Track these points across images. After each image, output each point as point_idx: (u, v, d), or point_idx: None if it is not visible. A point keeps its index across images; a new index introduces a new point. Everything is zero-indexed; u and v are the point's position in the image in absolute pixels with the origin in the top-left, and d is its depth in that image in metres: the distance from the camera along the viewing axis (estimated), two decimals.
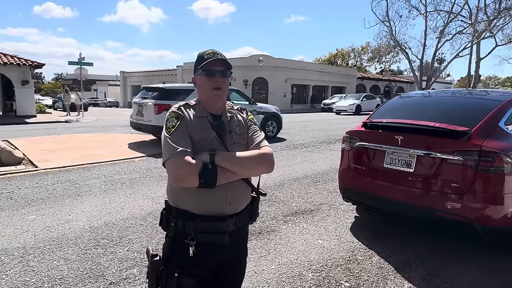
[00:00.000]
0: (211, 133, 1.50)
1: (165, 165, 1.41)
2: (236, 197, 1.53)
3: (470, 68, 28.59)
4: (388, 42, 29.52)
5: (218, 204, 1.48)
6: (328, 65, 46.28)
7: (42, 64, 20.65)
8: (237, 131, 1.59)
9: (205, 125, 1.51)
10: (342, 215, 4.30)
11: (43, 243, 3.34)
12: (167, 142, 1.42)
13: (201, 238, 1.46)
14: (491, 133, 3.05)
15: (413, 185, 3.27)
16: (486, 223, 2.95)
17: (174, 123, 1.47)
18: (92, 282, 2.68)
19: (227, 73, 1.55)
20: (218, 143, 1.50)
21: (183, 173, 1.37)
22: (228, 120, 1.59)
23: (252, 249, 3.31)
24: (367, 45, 50.94)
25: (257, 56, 33.15)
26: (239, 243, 1.63)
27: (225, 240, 1.50)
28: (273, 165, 1.58)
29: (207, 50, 1.56)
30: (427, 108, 3.99)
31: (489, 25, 25.07)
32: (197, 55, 1.57)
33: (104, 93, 52.86)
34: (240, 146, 1.57)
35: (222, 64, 1.54)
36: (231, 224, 1.52)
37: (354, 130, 3.92)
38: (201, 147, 1.46)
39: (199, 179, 1.37)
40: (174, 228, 1.51)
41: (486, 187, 2.93)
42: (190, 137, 1.45)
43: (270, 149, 1.60)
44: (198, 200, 1.46)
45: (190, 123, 1.49)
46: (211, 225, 1.47)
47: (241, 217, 1.57)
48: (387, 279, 2.84)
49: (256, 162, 1.52)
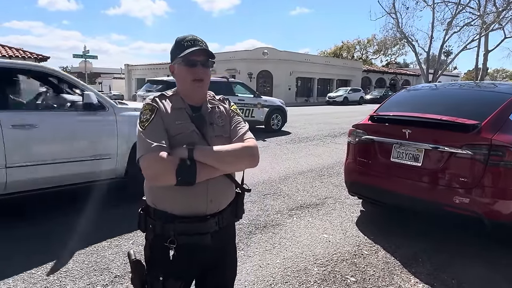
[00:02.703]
0: (189, 126, 1.39)
1: (139, 162, 1.31)
2: (218, 195, 1.43)
3: (478, 61, 28.19)
4: (395, 34, 29.13)
5: (199, 203, 1.39)
6: (333, 58, 45.89)
7: (47, 57, 20.72)
8: (219, 123, 1.47)
9: (183, 118, 1.40)
10: (347, 209, 4.27)
11: None
12: (141, 137, 1.33)
13: (181, 240, 1.36)
14: (502, 127, 2.99)
15: (420, 179, 3.22)
16: (495, 218, 2.90)
17: (148, 116, 1.36)
18: (97, 275, 2.69)
19: (208, 63, 1.43)
20: (197, 137, 1.39)
21: (158, 171, 1.28)
22: (208, 112, 1.47)
23: (257, 243, 3.30)
24: (373, 37, 50.38)
25: (261, 49, 32.93)
26: (224, 242, 1.53)
27: (207, 241, 1.40)
28: (258, 159, 1.45)
29: (187, 36, 1.42)
30: (434, 101, 3.93)
31: (498, 17, 24.63)
32: (175, 40, 1.44)
33: (109, 86, 52.92)
34: (223, 139, 1.45)
35: (203, 54, 1.40)
36: (213, 224, 1.41)
37: (360, 123, 3.87)
38: (178, 141, 1.35)
39: (176, 177, 1.27)
40: (152, 230, 1.42)
41: (495, 182, 2.88)
42: (166, 131, 1.35)
43: (255, 141, 1.48)
44: (177, 200, 1.36)
45: (166, 116, 1.38)
46: (191, 226, 1.38)
47: (224, 215, 1.47)
48: (394, 274, 2.81)
49: (239, 157, 1.40)
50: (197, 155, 1.31)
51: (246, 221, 3.79)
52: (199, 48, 1.38)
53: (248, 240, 3.35)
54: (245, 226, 3.66)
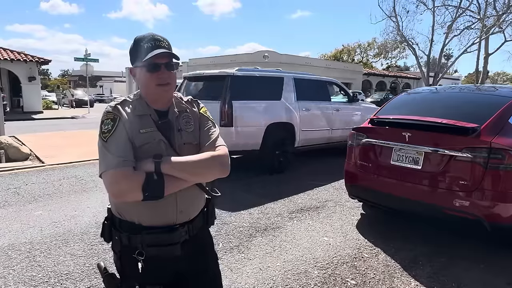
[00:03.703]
0: (155, 135, 1.29)
1: (102, 177, 1.22)
2: (188, 205, 1.36)
3: (478, 64, 28.21)
4: (395, 38, 29.21)
5: (168, 214, 1.31)
6: (334, 61, 45.92)
7: (49, 61, 20.81)
8: (187, 129, 1.37)
9: (148, 125, 1.29)
10: (348, 212, 4.27)
11: (50, 238, 3.36)
12: (102, 151, 1.22)
13: (150, 252, 1.28)
14: (501, 130, 3.00)
15: (420, 182, 3.23)
16: (495, 221, 2.90)
17: (110, 126, 1.24)
18: (98, 278, 2.69)
19: (173, 66, 1.31)
20: (165, 146, 1.29)
21: (123, 188, 1.19)
22: (176, 117, 1.36)
23: (257, 246, 3.30)
24: (374, 40, 50.50)
25: (262, 52, 32.99)
26: (197, 250, 1.43)
27: (177, 252, 1.32)
28: (228, 168, 1.36)
29: (146, 36, 1.30)
30: (435, 104, 3.94)
31: (498, 20, 24.68)
32: (133, 40, 1.32)
33: (110, 89, 53.01)
34: (192, 146, 1.36)
35: (167, 55, 1.28)
36: (183, 233, 1.34)
37: (360, 126, 3.89)
38: (144, 152, 1.25)
39: (142, 193, 1.18)
40: (118, 242, 1.33)
41: (495, 185, 2.89)
42: (130, 142, 1.24)
43: (226, 149, 1.39)
44: (145, 211, 1.28)
45: (129, 125, 1.26)
46: (160, 237, 1.29)
47: (195, 224, 1.40)
48: (394, 277, 2.81)
49: (209, 167, 1.31)
50: (165, 169, 1.22)
51: (246, 224, 3.79)
52: (162, 51, 1.27)
53: (248, 242, 3.36)
54: (245, 229, 3.67)
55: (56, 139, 9.45)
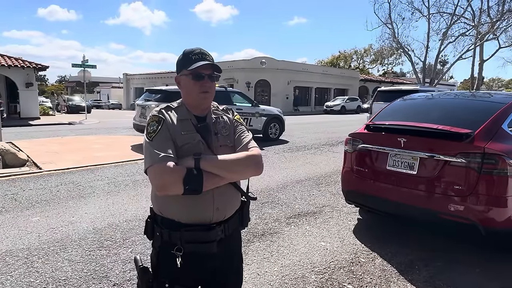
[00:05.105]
0: (195, 136, 1.43)
1: (147, 172, 1.34)
2: (224, 203, 1.46)
3: (473, 70, 28.50)
4: (391, 44, 29.53)
5: (205, 211, 1.41)
6: (331, 67, 46.27)
7: (46, 67, 20.77)
8: (223, 133, 1.51)
9: (188, 128, 1.44)
10: (345, 217, 4.29)
11: (47, 244, 3.36)
12: (148, 148, 1.35)
13: (188, 248, 1.39)
14: (494, 135, 3.05)
15: (416, 187, 3.27)
16: (490, 225, 2.94)
17: (155, 127, 1.39)
18: (96, 284, 2.70)
19: (214, 77, 1.47)
20: (203, 147, 1.42)
21: (166, 181, 1.30)
22: (213, 122, 1.51)
23: (255, 251, 3.32)
24: (370, 47, 50.89)
25: (259, 58, 33.19)
26: (230, 250, 1.56)
27: (213, 249, 1.43)
28: (262, 167, 1.48)
29: (194, 50, 1.46)
30: (430, 110, 3.99)
31: (492, 27, 25.00)
32: (182, 52, 1.48)
33: (107, 95, 53.02)
34: (227, 148, 1.49)
35: (210, 67, 1.45)
36: (219, 232, 1.44)
37: (357, 132, 3.92)
38: (185, 151, 1.38)
39: (183, 186, 1.29)
40: (159, 238, 1.44)
41: (489, 190, 2.92)
42: (173, 142, 1.38)
43: (259, 150, 1.52)
44: (184, 208, 1.39)
45: (172, 127, 1.41)
46: (197, 235, 1.41)
47: (230, 223, 1.51)
48: (390, 282, 2.84)
49: (244, 165, 1.43)
50: (204, 165, 1.34)
51: (244, 229, 3.80)
52: (207, 63, 1.43)
53: (246, 248, 3.37)
54: (243, 234, 3.65)
55: (54, 145, 9.44)
